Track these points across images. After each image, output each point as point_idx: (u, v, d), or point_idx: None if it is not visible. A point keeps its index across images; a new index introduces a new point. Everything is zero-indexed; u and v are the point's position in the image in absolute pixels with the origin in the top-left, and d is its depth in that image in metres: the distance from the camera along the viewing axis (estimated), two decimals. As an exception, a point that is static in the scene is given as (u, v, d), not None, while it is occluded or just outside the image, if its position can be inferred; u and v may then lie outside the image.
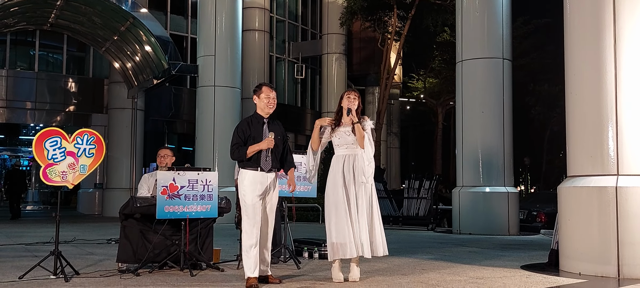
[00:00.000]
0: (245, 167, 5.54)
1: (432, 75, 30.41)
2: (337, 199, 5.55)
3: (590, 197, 6.20)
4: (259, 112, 5.65)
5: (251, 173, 5.50)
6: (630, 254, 5.91)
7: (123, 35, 19.12)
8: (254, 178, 5.49)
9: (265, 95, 5.62)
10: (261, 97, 5.63)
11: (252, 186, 5.47)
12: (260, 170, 5.50)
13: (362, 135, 5.62)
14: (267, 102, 5.61)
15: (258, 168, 5.50)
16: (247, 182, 5.49)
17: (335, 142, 5.77)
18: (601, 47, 6.23)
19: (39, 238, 10.33)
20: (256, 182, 5.48)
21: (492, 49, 13.07)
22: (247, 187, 5.47)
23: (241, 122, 5.72)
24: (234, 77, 16.61)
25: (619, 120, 6.10)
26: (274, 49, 26.92)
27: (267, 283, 5.51)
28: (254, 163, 5.51)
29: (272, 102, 5.63)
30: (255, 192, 5.46)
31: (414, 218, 15.33)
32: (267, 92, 5.63)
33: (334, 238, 5.50)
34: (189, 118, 22.37)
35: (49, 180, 5.84)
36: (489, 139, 12.90)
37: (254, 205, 5.44)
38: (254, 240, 5.40)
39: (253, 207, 5.43)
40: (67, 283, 5.48)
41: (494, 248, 9.36)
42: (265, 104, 5.61)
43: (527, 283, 5.72)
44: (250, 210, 5.43)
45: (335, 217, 5.53)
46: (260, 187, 5.48)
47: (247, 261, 5.39)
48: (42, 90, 21.79)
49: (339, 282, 5.57)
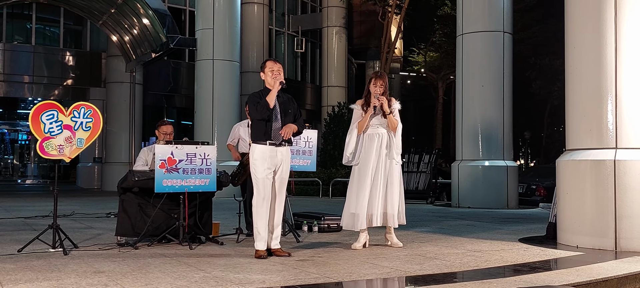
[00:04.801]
0: (256, 140, 5.53)
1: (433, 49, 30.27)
2: (366, 174, 6.01)
3: (588, 171, 6.20)
4: (268, 87, 5.62)
5: (261, 147, 5.49)
6: (627, 227, 5.92)
7: (120, 8, 18.97)
8: (263, 152, 5.47)
9: (270, 69, 5.58)
10: (266, 72, 5.61)
11: (262, 160, 5.46)
12: (271, 144, 5.49)
13: (394, 125, 6.09)
14: (271, 74, 5.57)
15: (268, 142, 5.48)
16: (257, 155, 5.48)
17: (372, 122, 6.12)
18: (601, 20, 6.18)
19: (37, 212, 10.35)
20: (266, 155, 5.46)
21: (493, 22, 12.98)
22: (258, 160, 5.47)
23: (252, 94, 5.71)
24: (232, 50, 16.52)
25: (619, 94, 6.07)
26: (273, 22, 26.75)
27: (275, 256, 5.52)
28: (265, 136, 5.49)
29: (276, 73, 5.58)
30: (265, 165, 5.45)
31: (414, 191, 15.35)
32: (271, 65, 5.60)
33: (353, 209, 6.03)
34: (188, 92, 22.32)
35: (45, 154, 5.82)
36: (488, 113, 12.87)
37: (265, 179, 5.44)
38: (265, 213, 5.43)
39: (263, 181, 5.43)
40: (65, 256, 5.49)
41: (492, 221, 9.38)
42: (272, 76, 5.57)
43: (525, 255, 5.74)
44: (261, 184, 5.44)
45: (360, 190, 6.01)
46: (270, 160, 5.47)
47: (258, 234, 5.43)
48: (40, 64, 21.70)
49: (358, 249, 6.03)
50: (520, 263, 5.31)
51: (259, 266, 5.02)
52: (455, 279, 4.62)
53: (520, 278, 4.57)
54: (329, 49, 26.68)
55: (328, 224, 7.73)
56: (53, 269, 4.80)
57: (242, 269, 4.87)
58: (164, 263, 5.16)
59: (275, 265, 5.06)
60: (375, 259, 5.46)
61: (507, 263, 5.31)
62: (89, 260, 5.31)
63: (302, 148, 7.52)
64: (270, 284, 4.34)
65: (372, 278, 4.58)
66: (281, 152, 5.56)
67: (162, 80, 23.63)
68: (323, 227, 7.69)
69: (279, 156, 5.53)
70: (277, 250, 5.58)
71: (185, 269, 4.85)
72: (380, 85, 6.09)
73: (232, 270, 4.84)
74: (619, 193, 5.97)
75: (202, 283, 4.29)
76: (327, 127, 22.23)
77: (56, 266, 4.95)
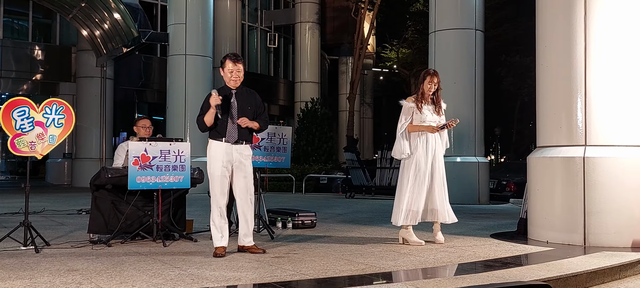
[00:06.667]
0: (212, 137, 5.53)
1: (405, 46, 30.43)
2: (418, 172, 6.18)
3: (558, 167, 6.32)
4: (227, 84, 5.58)
5: (216, 144, 5.49)
6: (595, 223, 6.06)
7: (91, 2, 18.70)
8: (218, 148, 5.47)
9: (229, 69, 5.49)
10: (225, 72, 5.52)
11: (216, 156, 5.46)
12: (225, 141, 5.47)
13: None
14: (230, 76, 5.50)
15: (223, 139, 5.47)
16: (211, 152, 5.49)
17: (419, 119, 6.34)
18: (571, 19, 6.30)
19: (7, 209, 10.17)
20: (220, 152, 5.45)
21: (465, 19, 13.11)
22: (212, 157, 5.47)
23: (208, 95, 5.56)
24: (205, 45, 16.41)
25: (588, 92, 6.20)
26: (246, 17, 26.62)
27: (249, 253, 5.52)
28: (219, 134, 5.48)
29: (235, 76, 5.49)
30: (219, 162, 5.43)
31: (387, 188, 15.44)
32: (230, 66, 5.49)
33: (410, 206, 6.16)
34: (160, 87, 22.09)
35: (17, 151, 5.73)
36: (460, 110, 12.97)
37: (220, 176, 5.43)
38: (219, 210, 5.42)
39: (218, 178, 5.43)
40: (37, 254, 5.42)
41: (464, 217, 9.50)
42: (229, 78, 5.51)
43: (497, 251, 5.84)
44: (216, 180, 5.44)
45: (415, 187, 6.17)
46: (225, 157, 5.45)
47: (214, 231, 5.42)
48: (8, 58, 21.27)
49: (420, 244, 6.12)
50: (492, 259, 5.40)
51: (234, 263, 5.02)
52: (428, 275, 4.68)
53: (493, 273, 4.65)
54: (302, 45, 26.64)
55: (302, 221, 7.75)
56: (25, 268, 4.74)
57: (218, 266, 4.87)
58: (139, 260, 5.13)
59: (251, 262, 5.07)
60: (351, 255, 5.50)
61: (480, 259, 5.40)
62: (62, 258, 5.25)
63: (276, 145, 7.53)
64: (246, 281, 4.35)
65: (347, 275, 4.61)
66: (237, 150, 5.50)
67: (134, 75, 23.35)
68: (297, 224, 7.70)
69: (234, 153, 5.48)
70: (251, 247, 5.58)
71: (160, 267, 4.83)
72: (436, 82, 6.36)
73: (207, 267, 4.83)
74: (588, 190, 6.10)
75: (177, 281, 4.28)
76: (301, 123, 22.23)
77: (28, 265, 4.88)
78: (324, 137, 21.85)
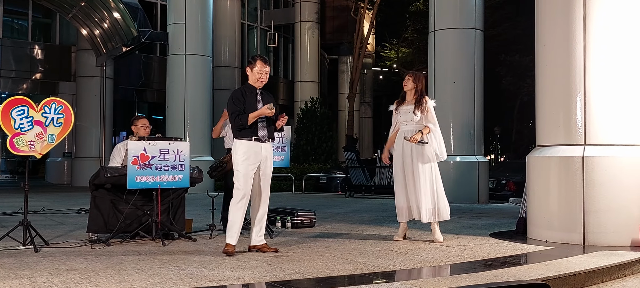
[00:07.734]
0: (240, 136, 5.47)
1: (405, 45, 30.43)
2: (397, 174, 6.48)
3: (557, 166, 6.33)
4: (251, 83, 5.59)
5: (246, 143, 5.44)
6: (595, 222, 6.06)
7: (90, 1, 18.69)
8: (248, 148, 5.43)
9: (258, 70, 5.54)
10: (254, 71, 5.56)
11: (246, 156, 5.41)
12: (256, 140, 5.45)
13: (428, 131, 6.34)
14: (259, 76, 5.54)
15: (253, 138, 5.45)
16: (241, 151, 5.43)
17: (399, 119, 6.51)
18: (571, 18, 6.30)
19: (6, 208, 10.17)
20: (251, 151, 5.43)
21: (465, 19, 13.11)
22: (241, 157, 5.42)
23: (235, 92, 5.64)
24: (205, 45, 16.41)
25: (587, 91, 6.20)
26: (246, 17, 26.60)
27: (261, 252, 5.51)
28: (251, 133, 5.45)
29: (264, 78, 5.56)
30: (249, 161, 5.41)
31: (386, 187, 15.45)
32: (260, 67, 5.54)
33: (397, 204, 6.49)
34: (160, 87, 22.08)
35: (16, 150, 5.73)
36: (460, 109, 13.01)
37: (246, 175, 5.40)
38: (242, 210, 5.40)
39: (245, 177, 5.39)
40: (37, 253, 5.42)
41: (463, 216, 9.50)
42: (257, 79, 5.55)
43: (496, 250, 5.84)
44: (242, 180, 5.39)
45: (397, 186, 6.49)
46: (254, 157, 5.43)
47: (231, 229, 5.38)
48: (7, 58, 21.26)
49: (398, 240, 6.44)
50: (491, 258, 5.40)
51: (234, 262, 5.02)
52: (428, 274, 4.68)
53: (492, 273, 4.65)
54: (302, 44, 26.63)
55: (301, 220, 7.75)
56: (24, 267, 4.74)
57: (217, 266, 4.87)
58: (138, 260, 5.13)
59: (250, 262, 5.07)
60: (350, 254, 5.50)
61: (479, 258, 5.40)
62: (61, 257, 5.25)
63: (276, 144, 7.51)
64: (244, 281, 4.35)
65: (346, 274, 4.61)
66: (265, 148, 5.53)
67: (133, 75, 23.34)
68: (296, 223, 7.71)
69: (263, 152, 5.51)
70: (263, 246, 5.58)
71: (159, 266, 4.83)
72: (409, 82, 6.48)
73: (206, 266, 4.83)
74: (587, 189, 6.11)
75: (176, 280, 4.28)
76: (300, 122, 22.22)
77: (28, 264, 4.88)
78: (324, 136, 21.85)
